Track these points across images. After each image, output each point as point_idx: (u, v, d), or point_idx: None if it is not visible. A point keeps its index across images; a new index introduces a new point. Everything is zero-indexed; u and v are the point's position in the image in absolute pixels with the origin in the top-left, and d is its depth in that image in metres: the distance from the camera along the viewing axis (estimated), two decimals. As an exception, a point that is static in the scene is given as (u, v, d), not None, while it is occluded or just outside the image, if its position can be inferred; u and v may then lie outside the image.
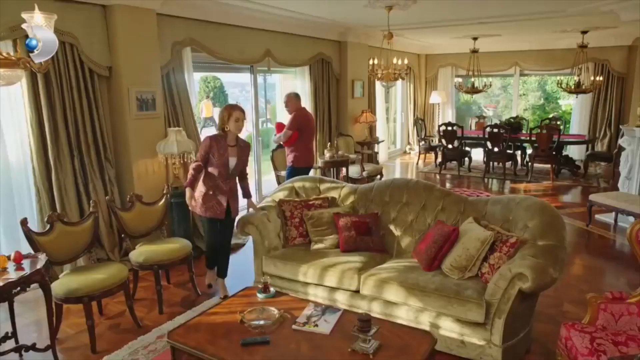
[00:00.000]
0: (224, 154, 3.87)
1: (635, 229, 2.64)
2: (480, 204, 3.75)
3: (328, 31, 8.02)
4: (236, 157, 3.95)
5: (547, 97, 18.39)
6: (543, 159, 8.62)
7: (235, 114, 3.89)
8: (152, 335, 3.50)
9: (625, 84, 9.94)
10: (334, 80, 8.54)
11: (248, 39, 6.43)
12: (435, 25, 7.92)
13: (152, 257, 3.85)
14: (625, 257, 5.34)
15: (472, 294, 3.03)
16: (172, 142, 4.74)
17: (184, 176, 5.13)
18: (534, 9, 6.59)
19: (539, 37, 9.67)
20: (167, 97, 5.18)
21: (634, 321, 2.64)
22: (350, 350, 2.31)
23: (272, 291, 2.99)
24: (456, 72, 12.11)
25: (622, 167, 6.11)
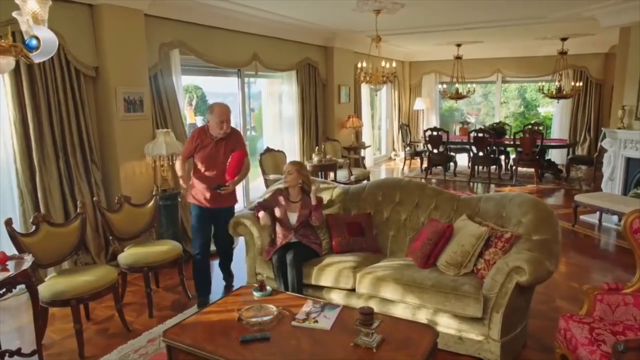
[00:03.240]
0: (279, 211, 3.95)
1: (629, 220, 2.68)
2: (473, 201, 3.77)
3: (315, 36, 8.06)
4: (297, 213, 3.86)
5: (526, 105, 18.78)
6: (527, 163, 8.76)
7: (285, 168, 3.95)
8: (143, 339, 3.40)
9: (603, 90, 10.22)
10: (320, 85, 8.56)
11: (236, 43, 6.40)
12: (420, 30, 8.02)
13: (141, 259, 3.76)
14: (611, 255, 5.45)
15: (469, 289, 3.03)
16: (160, 143, 4.66)
17: (172, 178, 5.05)
18: (518, 15, 6.73)
19: (521, 44, 9.88)
20: (155, 98, 5.11)
21: (630, 311, 2.67)
22: (352, 344, 2.27)
23: (269, 289, 2.94)
24: (440, 79, 12.28)
25: (605, 168, 6.25)
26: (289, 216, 3.79)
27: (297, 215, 3.76)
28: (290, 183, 3.80)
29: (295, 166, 3.85)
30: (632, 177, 5.89)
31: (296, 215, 3.76)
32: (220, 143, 3.79)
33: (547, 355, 3.12)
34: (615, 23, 6.19)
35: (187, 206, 5.19)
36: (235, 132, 3.94)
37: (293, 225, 3.76)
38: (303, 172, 3.85)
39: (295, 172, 3.79)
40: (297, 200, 3.81)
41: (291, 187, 3.81)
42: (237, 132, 4.01)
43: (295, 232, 3.73)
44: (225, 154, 3.78)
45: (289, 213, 3.79)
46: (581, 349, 2.42)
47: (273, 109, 8.10)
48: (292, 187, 3.81)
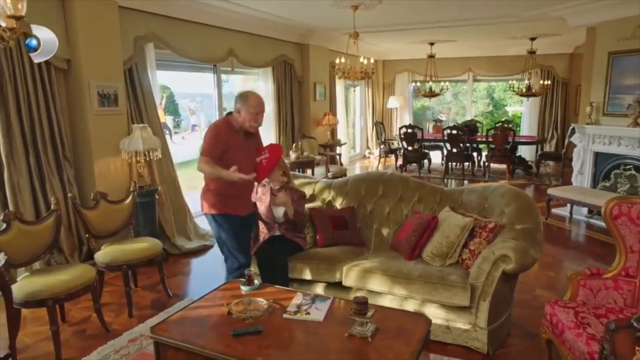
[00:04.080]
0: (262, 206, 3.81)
1: (609, 207, 2.76)
2: (456, 193, 3.82)
3: (291, 33, 8.02)
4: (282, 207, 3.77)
5: (495, 104, 19.30)
6: (499, 159, 8.97)
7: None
8: (124, 339, 3.27)
9: (568, 88, 10.60)
10: (296, 82, 8.52)
11: (212, 38, 6.29)
12: (396, 28, 8.09)
13: (120, 257, 3.63)
14: (582, 245, 5.64)
15: (456, 279, 3.06)
16: (137, 138, 4.52)
17: (149, 174, 4.92)
18: (491, 13, 6.88)
19: (491, 43, 10.11)
20: (130, 93, 4.95)
21: (611, 295, 2.75)
22: (347, 335, 2.25)
23: (257, 283, 2.88)
24: (412, 77, 12.44)
25: (575, 162, 6.46)
26: (273, 211, 3.74)
27: (283, 209, 3.71)
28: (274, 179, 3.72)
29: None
30: (601, 170, 6.11)
31: (281, 210, 3.72)
32: (250, 138, 3.23)
33: (530, 341, 3.19)
34: (582, 23, 6.41)
35: (164, 203, 5.07)
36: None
37: (279, 219, 3.71)
38: (282, 163, 3.79)
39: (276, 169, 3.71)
40: (279, 194, 3.76)
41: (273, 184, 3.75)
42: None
43: (280, 227, 3.69)
44: (254, 151, 3.28)
45: (274, 207, 3.74)
46: (568, 332, 2.47)
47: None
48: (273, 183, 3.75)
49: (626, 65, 5.79)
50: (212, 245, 5.38)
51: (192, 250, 5.10)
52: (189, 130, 16.31)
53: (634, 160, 5.70)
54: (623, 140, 5.76)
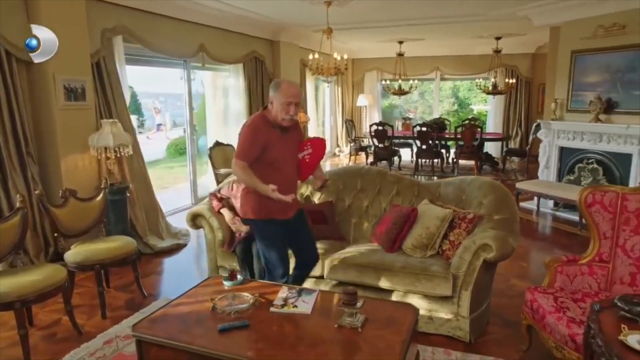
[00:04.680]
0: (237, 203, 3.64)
1: (584, 195, 2.86)
2: (433, 186, 3.87)
3: (262, 29, 7.94)
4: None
5: (460, 103, 19.77)
6: (467, 156, 9.18)
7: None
8: (98, 341, 3.13)
9: (531, 87, 10.97)
10: (267, 79, 8.43)
11: (182, 32, 6.15)
12: (366, 26, 8.14)
13: (92, 256, 3.47)
14: (549, 237, 5.84)
15: (438, 269, 3.09)
16: (107, 134, 4.34)
17: (119, 171, 4.75)
18: (459, 12, 7.02)
19: (458, 42, 10.34)
20: (98, 87, 4.76)
21: (586, 280, 2.85)
22: (337, 326, 2.23)
23: (240, 278, 2.82)
24: (381, 76, 12.57)
25: (541, 157, 6.68)
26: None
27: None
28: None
29: None
30: (565, 164, 6.34)
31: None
32: (289, 134, 2.86)
33: (509, 328, 3.26)
34: (547, 22, 6.64)
35: (136, 201, 4.91)
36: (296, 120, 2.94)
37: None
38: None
39: None
40: None
41: None
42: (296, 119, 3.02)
43: None
44: (295, 147, 2.93)
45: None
46: (549, 317, 2.54)
47: (217, 103, 7.85)
48: None
49: (588, 64, 6.04)
50: (186, 244, 5.26)
51: (165, 249, 4.96)
52: (154, 129, 15.93)
53: (596, 154, 5.95)
54: (586, 135, 6.00)
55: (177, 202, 6.81)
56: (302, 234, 3.06)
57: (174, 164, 11.50)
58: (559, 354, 2.49)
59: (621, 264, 2.78)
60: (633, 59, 5.55)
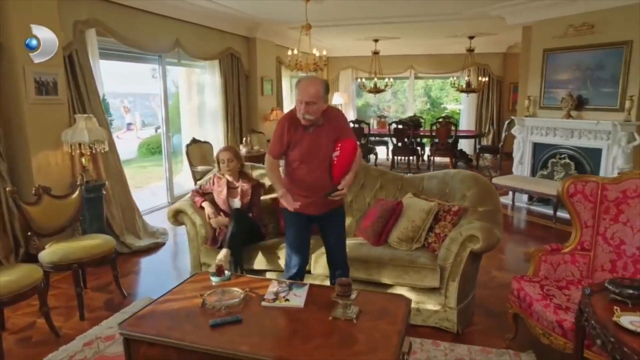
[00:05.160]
0: (222, 194, 3.64)
1: (566, 186, 2.93)
2: (417, 180, 3.90)
3: (238, 25, 7.84)
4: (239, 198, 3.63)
5: (432, 103, 20.09)
6: (442, 152, 9.33)
7: (220, 156, 3.60)
8: (78, 344, 3.01)
9: (502, 86, 11.25)
10: (243, 76, 8.34)
11: (157, 27, 6.01)
12: (343, 23, 8.13)
13: (69, 255, 3.33)
14: (524, 230, 6.00)
15: (425, 261, 3.12)
16: (81, 129, 4.18)
17: (94, 169, 4.59)
18: (435, 10, 7.11)
19: (432, 41, 10.48)
20: (71, 81, 4.58)
21: (569, 268, 2.92)
22: (331, 318, 2.20)
23: (227, 274, 2.76)
24: (356, 74, 12.63)
25: (515, 153, 6.84)
26: (230, 203, 3.64)
27: (240, 201, 3.63)
28: (233, 170, 3.64)
29: (232, 152, 3.68)
30: (539, 160, 6.52)
31: (238, 201, 3.63)
32: (318, 131, 2.78)
33: (494, 318, 3.32)
34: (520, 21, 6.81)
35: (112, 200, 4.76)
36: (336, 116, 2.88)
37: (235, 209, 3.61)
38: (239, 155, 3.72)
39: (235, 159, 3.64)
40: (237, 185, 3.67)
41: (230, 175, 3.65)
42: (338, 114, 2.95)
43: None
44: (327, 145, 2.80)
45: (231, 199, 3.64)
46: (536, 304, 2.59)
47: (192, 101, 7.70)
48: (232, 175, 3.65)
49: (559, 62, 6.22)
50: (164, 243, 5.13)
51: (142, 248, 4.82)
52: (124, 129, 15.57)
53: (568, 149, 6.14)
54: (558, 131, 6.18)
55: (152, 202, 6.64)
56: (329, 235, 3.02)
57: (146, 163, 11.24)
58: (546, 340, 2.55)
59: (602, 251, 2.87)
60: (601, 58, 5.76)
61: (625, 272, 2.73)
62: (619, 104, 5.58)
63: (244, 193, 3.64)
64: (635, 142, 5.42)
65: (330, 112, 2.82)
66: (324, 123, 2.78)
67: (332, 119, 2.81)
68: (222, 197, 3.65)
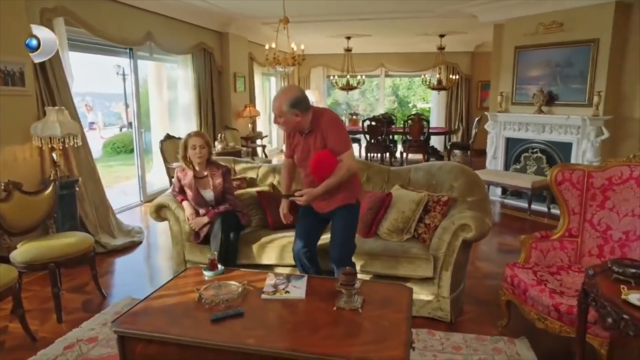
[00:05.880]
0: (190, 186, 3.45)
1: (554, 173, 2.99)
2: (403, 172, 3.89)
3: (210, 20, 7.67)
4: (211, 189, 3.46)
5: (400, 102, 20.38)
6: (415, 149, 9.44)
7: (190, 141, 3.40)
8: (58, 347, 2.83)
9: (471, 84, 11.51)
10: (216, 72, 8.17)
11: (129, 18, 5.78)
12: (317, 19, 8.10)
13: (45, 254, 3.13)
14: (500, 222, 6.10)
15: (418, 252, 3.12)
16: (52, 122, 3.95)
17: (66, 165, 4.36)
18: (409, 7, 7.17)
19: (403, 40, 10.59)
20: (40, 72, 4.32)
21: (558, 254, 2.99)
22: (335, 308, 2.15)
23: (221, 268, 2.66)
24: (327, 72, 12.62)
25: (489, 148, 7.00)
26: (202, 194, 3.47)
27: (212, 190, 3.46)
28: (204, 157, 3.43)
29: (204, 138, 3.47)
30: (512, 154, 6.69)
31: (210, 192, 3.47)
32: (309, 137, 2.82)
33: (483, 306, 3.37)
34: (491, 19, 6.97)
35: (85, 197, 4.53)
36: (324, 123, 2.78)
37: (211, 201, 3.47)
38: (209, 142, 3.52)
39: (205, 145, 3.43)
40: (205, 174, 3.48)
41: (199, 163, 3.44)
42: (327, 123, 2.78)
43: (216, 207, 3.44)
44: (314, 150, 2.82)
45: (202, 191, 3.47)
46: (531, 290, 2.63)
47: (162, 97, 7.46)
48: (201, 163, 3.46)
49: (530, 59, 6.40)
50: (140, 241, 4.93)
51: (118, 247, 4.61)
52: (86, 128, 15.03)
53: (540, 144, 6.33)
54: (530, 126, 6.36)
55: (123, 201, 6.39)
56: (332, 231, 2.99)
57: (112, 162, 10.87)
58: (542, 324, 2.59)
59: (589, 237, 2.94)
60: (570, 55, 5.97)
61: (613, 255, 2.81)
62: (587, 100, 5.79)
63: (215, 182, 3.46)
64: (603, 136, 5.64)
65: (320, 118, 2.80)
66: (313, 129, 2.80)
67: (320, 126, 2.78)
68: (191, 191, 3.45)
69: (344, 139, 2.79)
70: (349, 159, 2.77)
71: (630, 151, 5.60)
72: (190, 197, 3.49)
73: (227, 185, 3.51)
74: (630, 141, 5.75)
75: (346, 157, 2.75)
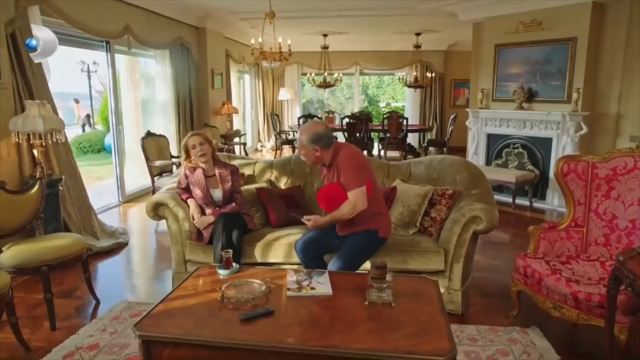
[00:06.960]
0: (200, 185, 3.34)
1: (560, 165, 3.05)
2: (404, 166, 3.88)
3: (188, 14, 7.45)
4: (220, 187, 3.36)
5: (369, 100, 20.53)
6: (394, 146, 9.50)
7: (190, 142, 3.30)
8: (55, 356, 2.64)
9: (444, 83, 11.72)
10: (194, 68, 7.93)
11: (106, 9, 5.52)
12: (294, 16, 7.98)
13: (35, 256, 2.92)
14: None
15: (428, 245, 3.11)
16: (34, 117, 3.69)
17: (46, 162, 4.09)
18: (390, 4, 7.19)
19: (379, 38, 10.66)
20: (16, 64, 4.03)
21: (565, 244, 3.04)
22: (367, 303, 2.10)
23: (236, 266, 2.55)
24: (302, 70, 12.54)
25: (470, 144, 7.12)
26: (212, 193, 3.37)
27: (221, 189, 3.37)
28: (207, 155, 3.35)
29: (202, 135, 3.38)
30: (493, 150, 6.83)
31: (220, 191, 3.38)
32: (329, 170, 2.93)
33: (490, 298, 3.40)
34: (471, 18, 7.09)
35: (67, 197, 4.28)
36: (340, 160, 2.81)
37: (219, 201, 3.37)
38: (209, 139, 3.43)
39: (207, 143, 3.35)
40: (213, 173, 3.39)
41: (205, 161, 3.35)
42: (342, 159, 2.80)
43: (222, 207, 3.35)
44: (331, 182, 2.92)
45: (211, 190, 3.37)
46: (547, 279, 2.66)
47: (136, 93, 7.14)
48: (207, 162, 3.37)
49: (510, 57, 6.55)
50: (126, 242, 4.71)
51: (105, 249, 4.38)
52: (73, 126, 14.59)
53: (521, 139, 6.49)
54: (511, 122, 6.51)
55: (99, 202, 6.09)
56: (341, 248, 2.92)
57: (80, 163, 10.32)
58: (558, 312, 2.62)
59: (595, 227, 3.01)
60: (549, 52, 6.14)
61: (619, 244, 2.89)
62: (566, 96, 5.98)
63: (224, 180, 3.38)
64: (582, 131, 5.84)
65: (339, 154, 2.85)
66: (332, 164, 2.89)
67: (337, 161, 2.85)
68: (201, 190, 3.37)
69: (353, 176, 2.77)
70: (354, 196, 2.73)
71: (607, 146, 5.85)
72: (197, 196, 3.37)
73: (236, 184, 3.43)
74: (606, 136, 5.98)
75: (352, 194, 2.74)
